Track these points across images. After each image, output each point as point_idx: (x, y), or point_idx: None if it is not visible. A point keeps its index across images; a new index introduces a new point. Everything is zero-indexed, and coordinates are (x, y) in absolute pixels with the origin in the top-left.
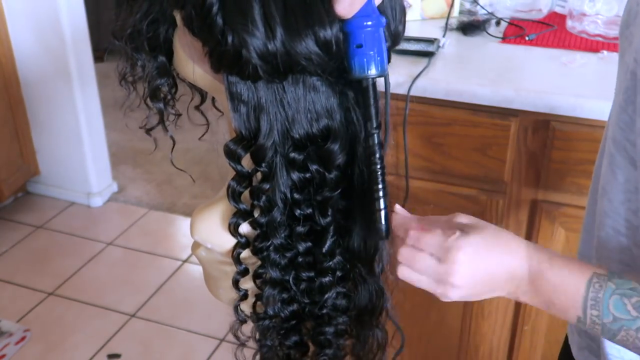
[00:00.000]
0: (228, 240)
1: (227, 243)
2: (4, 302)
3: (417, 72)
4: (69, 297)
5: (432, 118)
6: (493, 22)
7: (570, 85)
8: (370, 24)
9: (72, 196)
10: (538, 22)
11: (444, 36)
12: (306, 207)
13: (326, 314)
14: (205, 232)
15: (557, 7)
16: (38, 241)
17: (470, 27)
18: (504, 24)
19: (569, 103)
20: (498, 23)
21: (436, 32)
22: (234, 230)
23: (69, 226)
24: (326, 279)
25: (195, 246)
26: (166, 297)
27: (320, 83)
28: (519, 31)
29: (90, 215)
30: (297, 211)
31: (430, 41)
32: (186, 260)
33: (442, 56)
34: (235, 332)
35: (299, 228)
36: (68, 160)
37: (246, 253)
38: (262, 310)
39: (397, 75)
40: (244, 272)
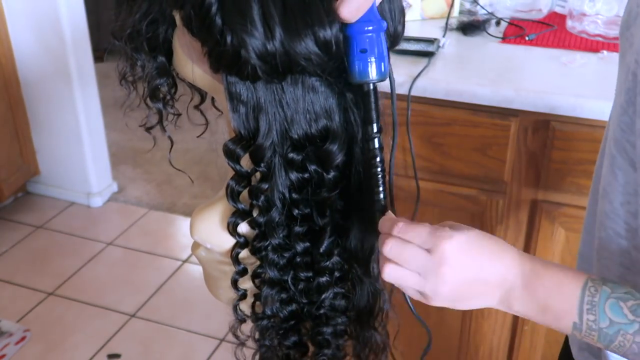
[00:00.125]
0: (227, 240)
1: (227, 243)
2: (4, 302)
3: (417, 72)
4: (69, 297)
5: (432, 118)
6: (493, 22)
7: (570, 85)
8: (371, 28)
9: (72, 196)
10: (538, 22)
11: (444, 36)
12: (304, 207)
13: (324, 314)
14: (204, 232)
15: (557, 7)
16: (38, 241)
17: (470, 27)
18: (504, 24)
19: (569, 103)
20: (498, 23)
21: (436, 32)
22: (232, 229)
23: (69, 226)
24: (324, 279)
25: (195, 246)
26: (166, 297)
27: (319, 84)
28: (519, 31)
29: (90, 215)
30: (296, 211)
31: (430, 41)
32: (186, 260)
33: (442, 56)
34: (234, 332)
35: (297, 228)
36: (68, 160)
37: (245, 253)
38: (261, 310)
39: (397, 75)
40: (243, 272)
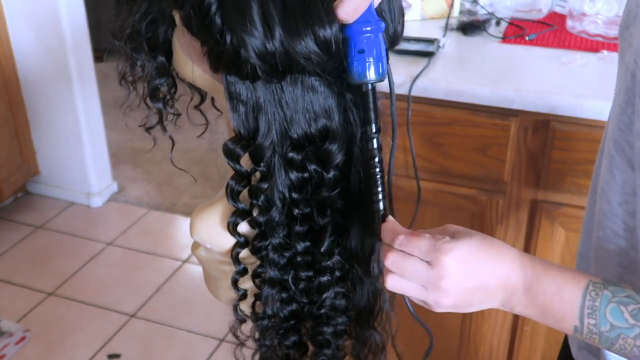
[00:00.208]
0: (227, 240)
1: (227, 243)
2: (4, 302)
3: (417, 72)
4: (69, 297)
5: (432, 118)
6: (493, 22)
7: (570, 85)
8: (369, 29)
9: (72, 196)
10: (538, 22)
11: (444, 36)
12: (305, 207)
13: (325, 314)
14: (204, 232)
15: (557, 7)
16: (38, 241)
17: (470, 27)
18: (504, 24)
19: (569, 103)
20: (498, 23)
21: (436, 32)
22: (232, 229)
23: (69, 226)
24: (325, 278)
25: (195, 246)
26: (166, 297)
27: (318, 83)
28: (519, 31)
29: (90, 215)
30: (296, 211)
31: (430, 41)
32: (186, 260)
33: (442, 56)
34: (234, 332)
35: (297, 227)
36: (68, 160)
37: (245, 253)
38: (261, 310)
39: (397, 76)
40: (243, 272)
